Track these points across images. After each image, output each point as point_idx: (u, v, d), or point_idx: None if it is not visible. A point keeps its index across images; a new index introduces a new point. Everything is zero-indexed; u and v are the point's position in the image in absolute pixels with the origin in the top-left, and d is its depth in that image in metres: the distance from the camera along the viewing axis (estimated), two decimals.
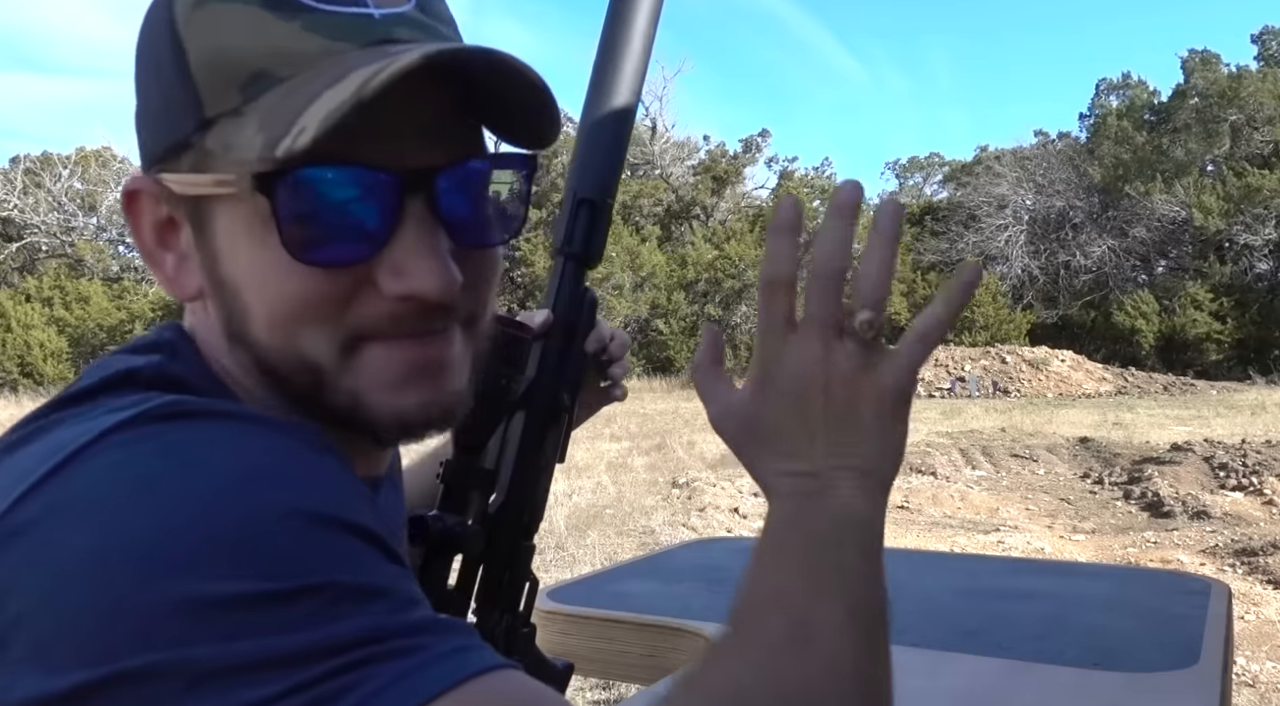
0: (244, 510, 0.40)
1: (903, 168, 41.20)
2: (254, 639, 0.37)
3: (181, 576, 0.37)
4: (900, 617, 1.36)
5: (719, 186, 33.93)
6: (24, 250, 32.48)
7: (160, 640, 0.36)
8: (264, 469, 0.42)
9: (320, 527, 0.40)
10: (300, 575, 0.39)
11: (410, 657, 0.39)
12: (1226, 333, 27.12)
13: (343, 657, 0.38)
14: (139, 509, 0.39)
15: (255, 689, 0.36)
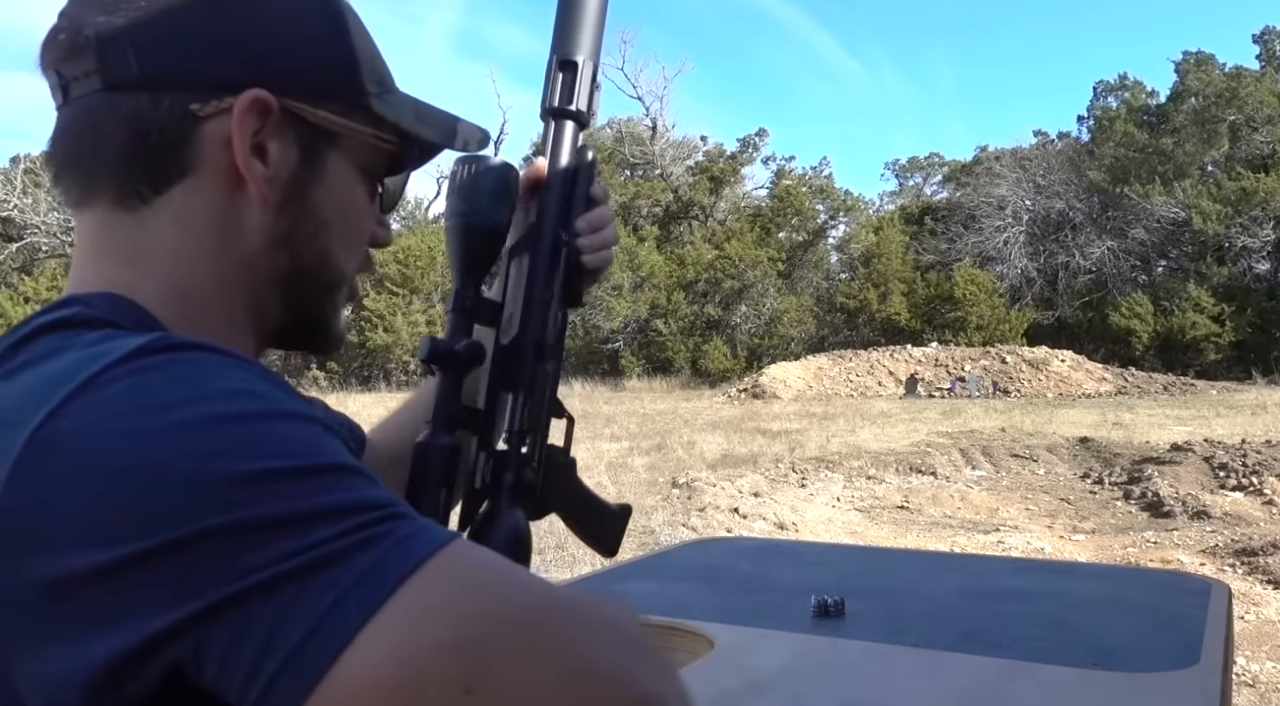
0: (256, 411, 0.48)
1: (902, 168, 41.22)
2: (300, 500, 0.45)
3: (225, 459, 0.45)
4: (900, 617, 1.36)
5: (717, 186, 33.93)
6: (24, 250, 32.50)
7: (222, 506, 0.44)
8: (253, 383, 0.50)
9: (307, 424, 0.49)
10: (313, 456, 0.47)
11: (408, 522, 0.46)
12: (1225, 335, 27.13)
13: (368, 515, 0.45)
14: (184, 409, 0.46)
15: (306, 537, 0.44)
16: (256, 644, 0.43)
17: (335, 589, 0.43)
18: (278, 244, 0.62)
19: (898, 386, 23.62)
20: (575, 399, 21.01)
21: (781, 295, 30.18)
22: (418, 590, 0.44)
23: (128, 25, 0.57)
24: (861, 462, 10.75)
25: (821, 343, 29.38)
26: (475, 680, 0.43)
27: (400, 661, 0.43)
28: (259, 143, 0.60)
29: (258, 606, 0.43)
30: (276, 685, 0.43)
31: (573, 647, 0.46)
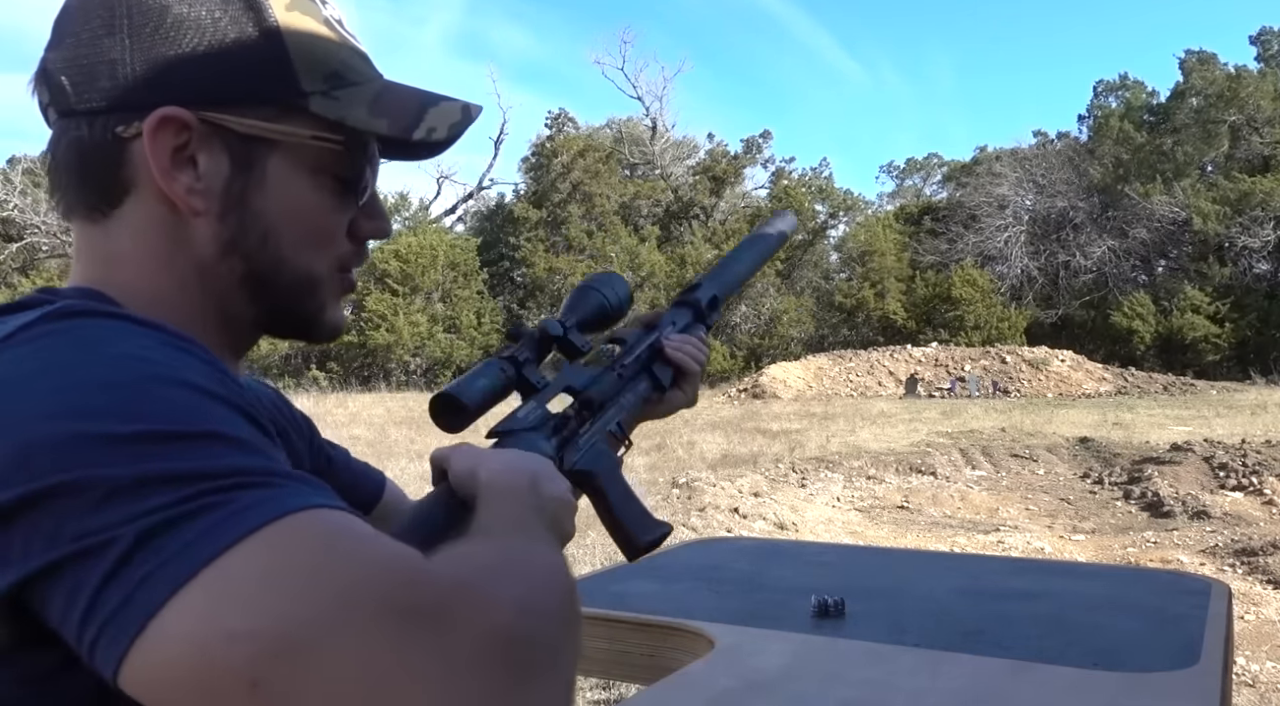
0: (136, 376, 0.50)
1: (900, 169, 41.23)
2: (148, 463, 0.46)
3: (91, 420, 0.47)
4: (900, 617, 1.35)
5: (718, 187, 33.93)
6: (24, 250, 32.49)
7: (75, 464, 0.46)
8: (148, 350, 0.53)
9: (192, 391, 0.51)
10: (183, 423, 0.49)
11: (260, 491, 0.47)
12: (1224, 336, 27.12)
13: (215, 482, 0.46)
14: (50, 377, 0.50)
15: (147, 500, 0.45)
16: (82, 608, 0.44)
17: (156, 558, 0.44)
18: (227, 251, 0.65)
19: (898, 386, 23.62)
20: None
21: (781, 295, 30.18)
22: (228, 566, 0.43)
23: (64, 59, 0.63)
24: (861, 462, 10.75)
25: (821, 342, 29.39)
26: (262, 674, 0.41)
27: (191, 644, 0.42)
28: (189, 155, 0.63)
29: (86, 570, 0.44)
30: (96, 651, 0.44)
31: (382, 651, 0.42)
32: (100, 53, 0.62)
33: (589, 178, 31.26)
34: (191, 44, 0.63)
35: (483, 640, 0.45)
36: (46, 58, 0.64)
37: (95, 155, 0.63)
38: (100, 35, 0.62)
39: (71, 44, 0.63)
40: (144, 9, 0.63)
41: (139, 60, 0.62)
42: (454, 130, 0.70)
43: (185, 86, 0.62)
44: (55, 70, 0.63)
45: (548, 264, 29.64)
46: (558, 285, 29.78)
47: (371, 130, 0.67)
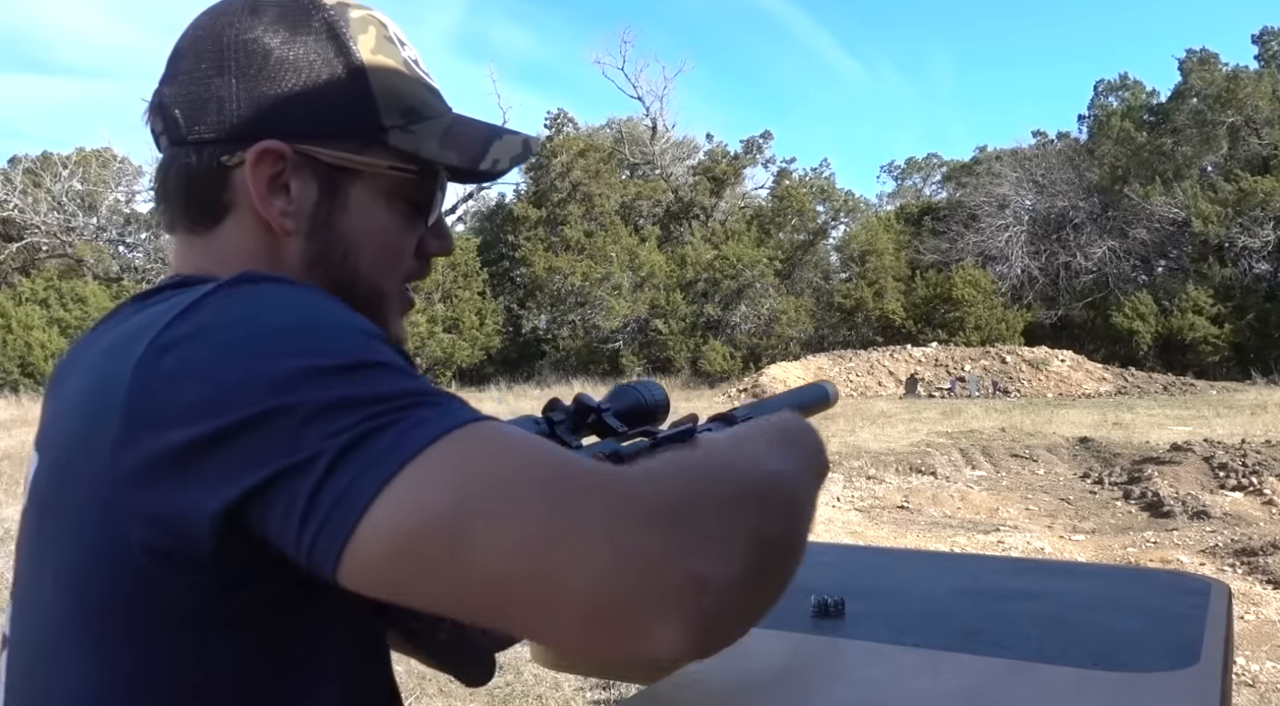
0: (317, 321, 0.60)
1: (900, 170, 41.21)
2: (341, 389, 0.55)
3: (292, 356, 0.56)
4: (900, 617, 1.35)
5: (718, 187, 33.91)
6: (24, 250, 32.47)
7: (282, 392, 0.54)
8: (317, 303, 0.62)
9: (373, 337, 0.60)
10: (361, 355, 0.57)
11: (435, 407, 0.56)
12: (1224, 336, 27.10)
13: (396, 402, 0.55)
14: (252, 323, 0.59)
15: (343, 419, 0.53)
16: (300, 512, 0.53)
17: (360, 463, 0.52)
18: (312, 266, 0.73)
19: (898, 386, 23.62)
20: None
21: (781, 295, 30.17)
22: (423, 464, 0.52)
23: (178, 94, 0.72)
24: (861, 462, 10.75)
25: (821, 342, 29.38)
26: (460, 542, 0.50)
27: (400, 523, 0.51)
28: (283, 182, 0.71)
29: (301, 480, 0.53)
30: (315, 548, 0.53)
31: (554, 515, 0.51)
32: (210, 90, 0.71)
33: (589, 178, 31.24)
34: (290, 84, 0.71)
35: (622, 506, 0.52)
36: (161, 92, 0.73)
37: (201, 180, 0.72)
38: (211, 75, 0.71)
39: (184, 81, 0.72)
40: (250, 52, 0.71)
41: (244, 98, 0.71)
42: (515, 161, 0.78)
43: (283, 121, 0.71)
44: (169, 104, 0.72)
45: (547, 264, 29.62)
46: (557, 285, 29.77)
47: (442, 161, 0.75)
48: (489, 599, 0.52)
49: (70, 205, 32.99)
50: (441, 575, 0.51)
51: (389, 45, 0.75)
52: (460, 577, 0.51)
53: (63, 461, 0.62)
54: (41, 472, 0.65)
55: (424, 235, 0.78)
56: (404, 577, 0.52)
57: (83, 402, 0.62)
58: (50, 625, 0.63)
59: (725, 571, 0.52)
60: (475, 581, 0.51)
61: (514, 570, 0.50)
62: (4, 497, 8.80)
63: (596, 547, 0.50)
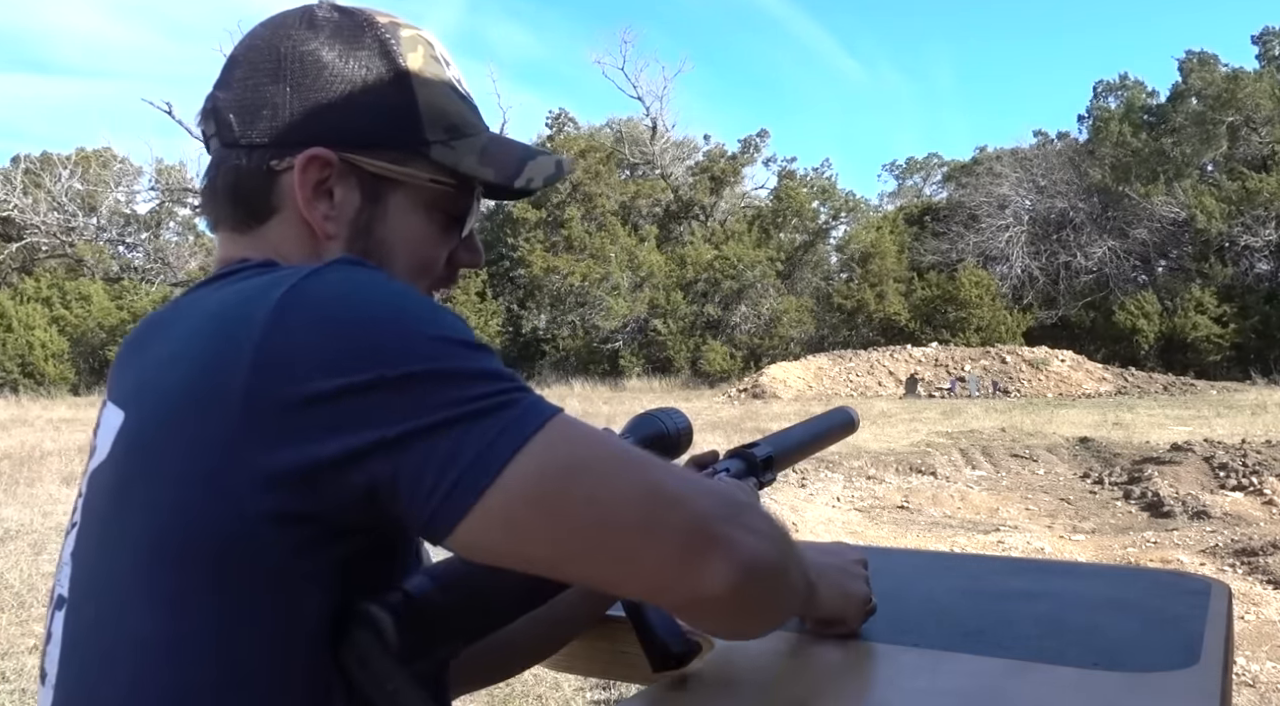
0: (435, 304, 0.66)
1: (900, 169, 41.20)
2: (469, 362, 0.62)
3: (423, 323, 0.62)
4: (900, 617, 1.35)
5: (718, 186, 33.90)
6: (24, 250, 32.46)
7: (416, 357, 0.60)
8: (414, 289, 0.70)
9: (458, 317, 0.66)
10: (471, 335, 0.64)
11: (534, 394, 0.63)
12: (1227, 336, 27.08)
13: (514, 382, 0.63)
14: (378, 292, 0.63)
15: (474, 389, 0.61)
16: (438, 462, 0.58)
17: (494, 429, 0.60)
18: None
19: (898, 386, 23.62)
20: (575, 399, 21.01)
21: (781, 295, 30.17)
22: (547, 436, 0.61)
23: (233, 99, 0.75)
24: (861, 462, 10.75)
25: (821, 343, 29.37)
26: (595, 490, 0.61)
27: (541, 473, 0.60)
28: (327, 188, 0.75)
29: (440, 436, 0.59)
30: (453, 494, 0.58)
31: (649, 475, 0.64)
32: (264, 97, 0.74)
33: (589, 178, 31.24)
34: (340, 95, 0.75)
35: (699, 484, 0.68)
36: (215, 96, 0.77)
37: (250, 182, 0.75)
38: (265, 82, 0.74)
39: (239, 87, 0.75)
40: (305, 63, 0.75)
41: (296, 106, 0.74)
42: (548, 181, 0.82)
43: (331, 130, 0.74)
44: (223, 108, 0.76)
45: (547, 264, 29.62)
46: (557, 285, 29.76)
47: (480, 177, 0.79)
48: (606, 539, 0.61)
49: (70, 205, 32.98)
50: (566, 518, 0.60)
51: (435, 64, 0.78)
52: (580, 520, 0.61)
53: (163, 418, 0.63)
54: (130, 427, 0.65)
55: (456, 247, 0.81)
56: (534, 520, 0.60)
57: (195, 360, 0.63)
58: (123, 583, 0.63)
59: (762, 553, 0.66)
60: (591, 521, 0.61)
61: (631, 511, 0.61)
62: (4, 497, 8.80)
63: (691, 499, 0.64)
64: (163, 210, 35.52)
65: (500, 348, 29.64)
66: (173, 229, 36.08)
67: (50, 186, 32.60)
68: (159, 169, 34.65)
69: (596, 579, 0.65)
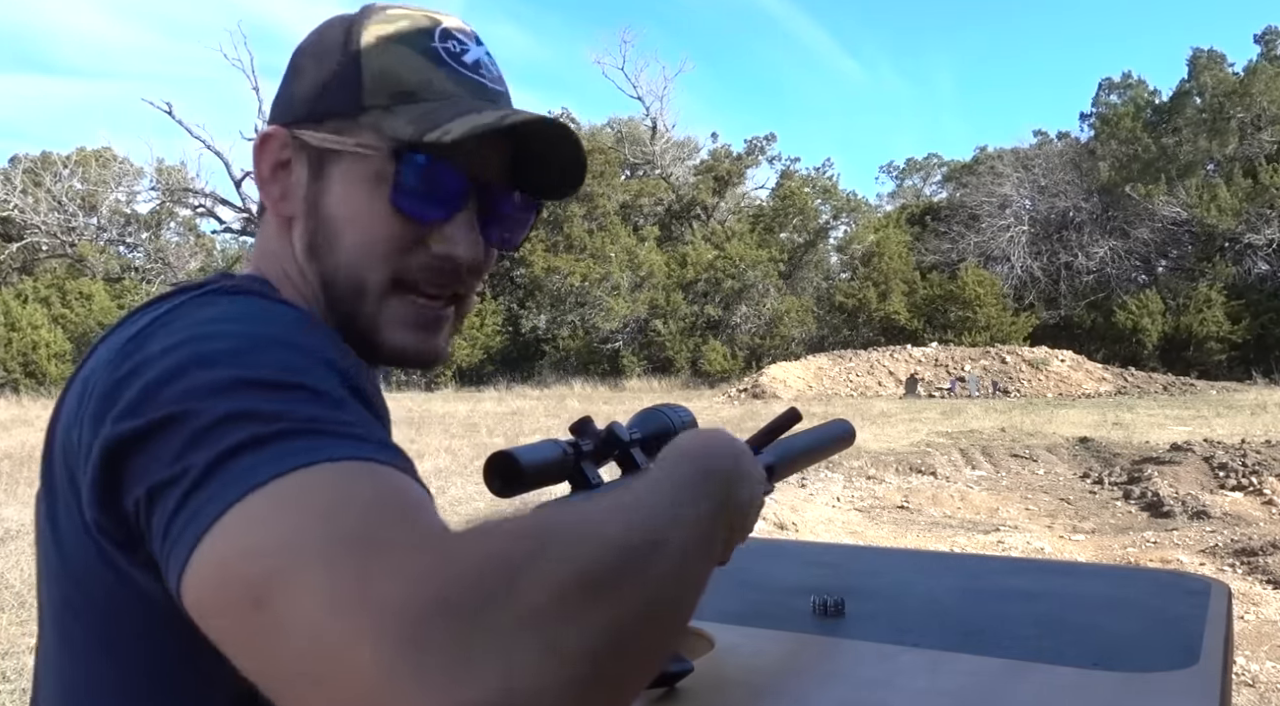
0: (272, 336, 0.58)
1: (899, 170, 41.19)
2: (234, 404, 0.52)
3: (222, 366, 0.54)
4: (900, 617, 1.35)
5: (721, 187, 33.90)
6: (24, 250, 32.46)
7: (196, 397, 0.53)
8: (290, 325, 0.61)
9: (321, 362, 0.58)
10: (280, 375, 0.55)
11: (321, 438, 0.51)
12: (1238, 333, 27.01)
13: (283, 424, 0.51)
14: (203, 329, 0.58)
15: (228, 434, 0.50)
16: (162, 528, 0.50)
17: (217, 485, 0.49)
18: (309, 254, 0.73)
19: (898, 386, 23.62)
20: (575, 399, 21.01)
21: (782, 295, 30.16)
22: (265, 496, 0.47)
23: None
24: (861, 462, 10.74)
25: (821, 343, 29.37)
26: (265, 594, 0.44)
27: (218, 564, 0.47)
28: (286, 164, 0.73)
29: (169, 494, 0.50)
30: (168, 569, 0.50)
31: (357, 587, 0.42)
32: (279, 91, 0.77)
33: (590, 178, 31.13)
34: (310, 76, 0.74)
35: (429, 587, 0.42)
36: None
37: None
38: (287, 79, 0.76)
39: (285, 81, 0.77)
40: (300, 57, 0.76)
41: (281, 88, 0.76)
42: (475, 129, 0.68)
43: (290, 110, 0.74)
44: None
45: (547, 264, 29.61)
46: (557, 285, 29.76)
47: (396, 135, 0.70)
48: (273, 676, 0.44)
49: (70, 205, 32.97)
50: (239, 633, 0.45)
51: (411, 38, 0.73)
52: (251, 640, 0.44)
53: (53, 469, 0.63)
54: (44, 468, 0.66)
55: (430, 233, 0.72)
56: (214, 626, 0.47)
57: (67, 408, 0.63)
58: (54, 624, 0.65)
59: (535, 682, 0.41)
60: (262, 651, 0.44)
61: (301, 649, 0.42)
62: (4, 497, 8.80)
63: (385, 641, 0.41)
64: (163, 210, 35.52)
65: (500, 347, 29.64)
66: (173, 229, 36.11)
67: (50, 186, 32.59)
68: (159, 169, 34.68)
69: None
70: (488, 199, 0.74)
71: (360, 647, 0.41)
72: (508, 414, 17.70)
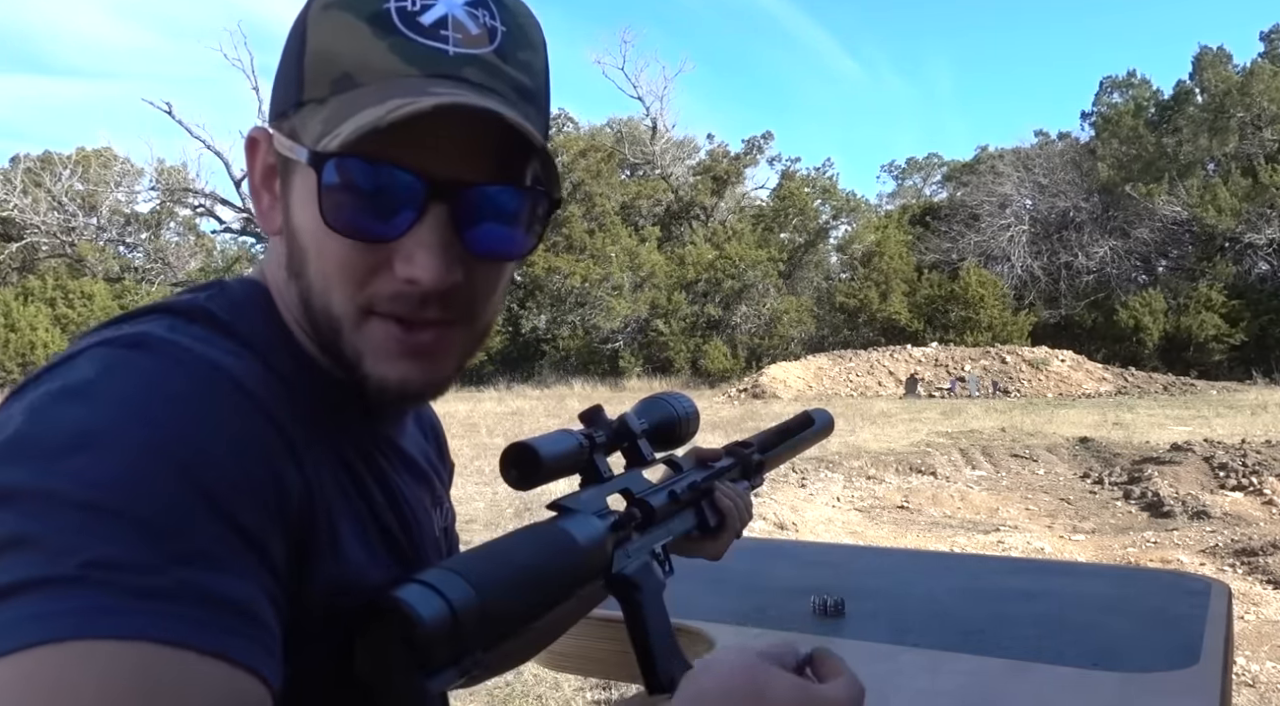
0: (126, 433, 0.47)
1: (901, 170, 41.19)
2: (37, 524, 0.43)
3: (30, 462, 0.45)
4: (900, 617, 1.35)
5: (720, 187, 33.90)
6: (24, 250, 32.45)
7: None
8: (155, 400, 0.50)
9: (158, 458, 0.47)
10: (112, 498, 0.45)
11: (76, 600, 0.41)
12: (1237, 334, 26.99)
13: (72, 570, 0.42)
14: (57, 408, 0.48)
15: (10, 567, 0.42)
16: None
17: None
18: (288, 271, 0.62)
19: (898, 386, 23.61)
20: (575, 399, 21.00)
21: (782, 295, 30.16)
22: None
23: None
24: (861, 462, 10.74)
25: (822, 343, 29.36)
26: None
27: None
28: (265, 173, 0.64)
29: None
30: None
31: None
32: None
33: (590, 177, 31.22)
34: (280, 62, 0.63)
35: None
36: None
37: None
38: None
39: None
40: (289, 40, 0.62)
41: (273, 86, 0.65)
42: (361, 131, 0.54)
43: (271, 105, 0.63)
44: None
45: (547, 264, 29.60)
46: (557, 285, 29.74)
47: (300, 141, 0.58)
48: None
49: (70, 205, 32.97)
50: None
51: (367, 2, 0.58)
52: None
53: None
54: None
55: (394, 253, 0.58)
56: None
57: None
58: None
59: None
60: None
61: None
62: None
63: None
64: (163, 210, 35.52)
65: (500, 347, 29.62)
66: (173, 229, 36.10)
67: (50, 186, 32.59)
68: (159, 169, 34.67)
69: None
70: (462, 201, 0.58)
71: None
72: (508, 414, 17.69)
